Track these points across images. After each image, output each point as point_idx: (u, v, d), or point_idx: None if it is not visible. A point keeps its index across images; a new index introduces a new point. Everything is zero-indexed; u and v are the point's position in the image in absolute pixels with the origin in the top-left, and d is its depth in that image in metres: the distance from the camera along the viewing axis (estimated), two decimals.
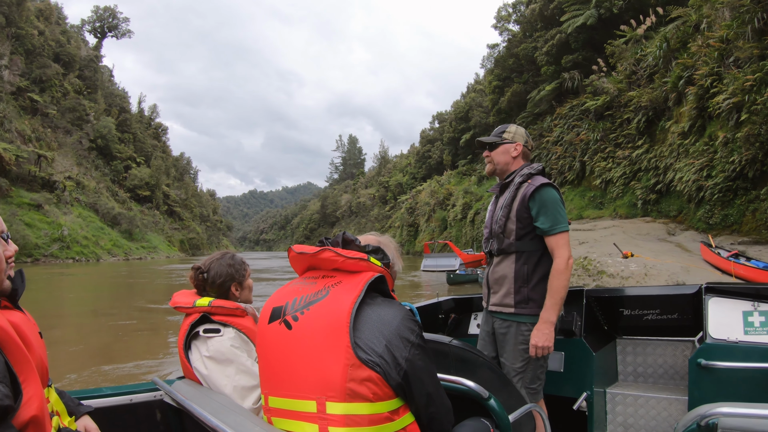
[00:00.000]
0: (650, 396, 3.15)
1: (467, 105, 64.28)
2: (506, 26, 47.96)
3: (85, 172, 69.77)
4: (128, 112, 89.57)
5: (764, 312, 2.77)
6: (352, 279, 1.43)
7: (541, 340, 2.49)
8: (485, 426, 1.73)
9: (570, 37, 34.44)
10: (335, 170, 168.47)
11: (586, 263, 13.84)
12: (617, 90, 27.48)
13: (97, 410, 1.94)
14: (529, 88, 42.30)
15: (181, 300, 2.15)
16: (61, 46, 74.67)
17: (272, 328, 1.45)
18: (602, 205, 27.00)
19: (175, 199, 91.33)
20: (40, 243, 49.59)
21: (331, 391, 1.29)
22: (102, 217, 64.92)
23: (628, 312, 3.47)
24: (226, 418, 1.54)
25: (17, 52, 65.69)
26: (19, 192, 53.04)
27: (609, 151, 27.41)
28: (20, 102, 64.01)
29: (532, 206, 2.56)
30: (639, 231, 17.80)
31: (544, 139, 36.83)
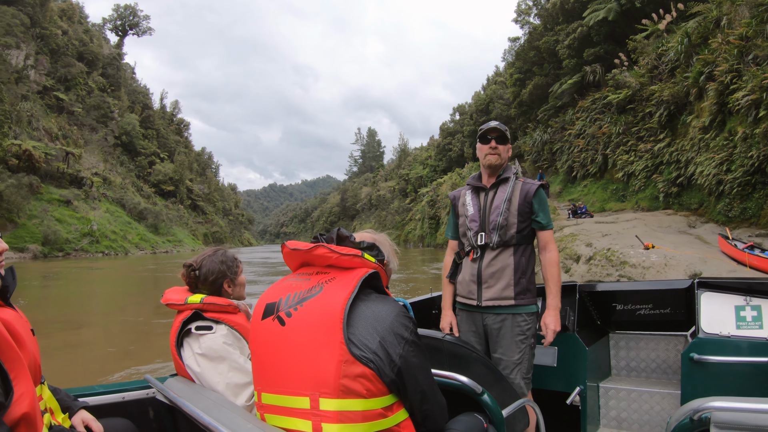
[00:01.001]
0: (643, 390, 3.23)
1: (488, 97, 64.29)
2: (527, 19, 48.11)
3: (110, 169, 71.71)
4: (151, 109, 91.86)
5: (756, 306, 2.83)
6: (346, 275, 1.45)
7: (557, 325, 2.67)
8: (479, 421, 1.77)
9: (591, 30, 34.64)
10: (354, 163, 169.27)
11: (609, 254, 14.56)
12: (639, 84, 27.69)
13: (89, 408, 1.97)
14: (551, 81, 42.35)
15: (173, 297, 2.15)
16: (85, 45, 76.82)
17: (265, 324, 1.46)
18: (624, 198, 27.18)
19: (198, 194, 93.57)
20: (70, 238, 51.57)
21: (325, 387, 1.30)
22: (129, 212, 66.96)
23: (621, 307, 3.55)
24: (219, 416, 1.55)
25: (42, 52, 67.66)
26: (49, 188, 55.04)
27: (631, 145, 27.60)
28: (46, 101, 66.18)
29: (535, 203, 2.75)
30: (660, 223, 18.34)
31: (566, 132, 36.99)
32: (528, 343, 2.71)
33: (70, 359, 8.67)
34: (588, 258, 15.67)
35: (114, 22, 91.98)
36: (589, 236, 17.94)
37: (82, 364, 8.46)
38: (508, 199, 2.75)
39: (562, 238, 19.76)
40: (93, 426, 1.87)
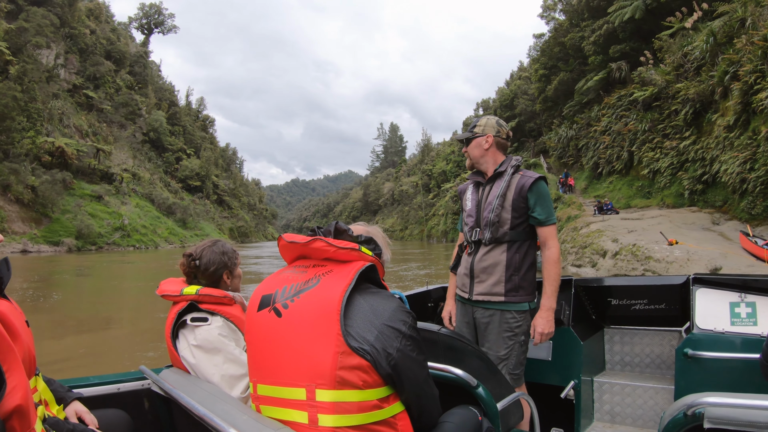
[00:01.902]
0: (637, 385, 3.25)
1: (512, 93, 64.16)
2: (552, 15, 48.42)
3: (139, 164, 73.50)
4: (177, 106, 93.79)
5: (751, 303, 2.85)
6: (343, 268, 1.46)
7: (547, 327, 2.62)
8: (473, 414, 1.77)
9: (617, 27, 34.93)
10: (376, 158, 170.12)
11: (634, 250, 15.37)
12: (665, 81, 28.05)
13: (84, 399, 1.97)
14: (576, 77, 42.64)
15: (168, 288, 2.15)
16: (112, 43, 78.65)
17: (261, 315, 1.47)
18: (650, 195, 27.51)
19: (224, 189, 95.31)
20: (102, 232, 53.37)
21: (321, 378, 1.31)
22: (158, 207, 68.75)
23: (616, 302, 3.59)
24: (214, 407, 1.55)
25: (72, 51, 69.49)
26: (81, 184, 56.94)
27: (657, 142, 27.90)
28: (76, 99, 68.09)
29: (530, 197, 2.66)
30: (685, 220, 19.01)
31: (592, 128, 37.26)
32: (517, 340, 2.70)
33: (101, 352, 8.97)
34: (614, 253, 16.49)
35: (140, 21, 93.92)
36: (615, 232, 18.71)
37: (113, 357, 8.68)
38: (502, 195, 2.71)
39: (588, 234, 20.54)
40: (86, 418, 1.87)
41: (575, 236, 22.48)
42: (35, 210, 49.00)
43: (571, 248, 21.43)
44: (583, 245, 20.07)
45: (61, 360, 8.03)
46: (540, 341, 2.65)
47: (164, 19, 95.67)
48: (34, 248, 45.32)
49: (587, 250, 19.26)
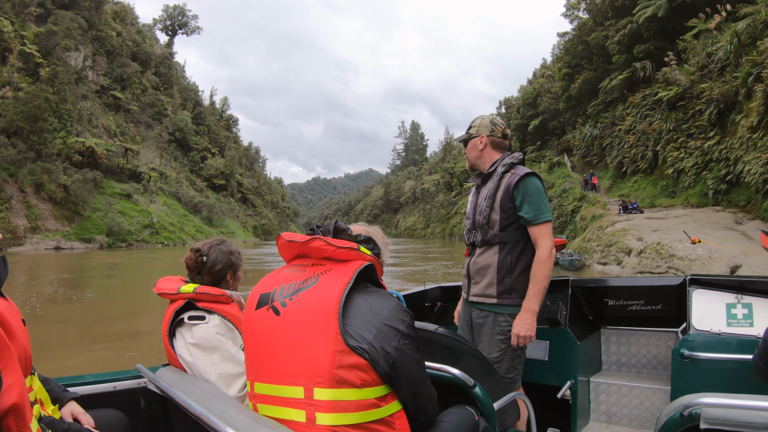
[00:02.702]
0: (633, 385, 3.26)
1: (535, 91, 64.14)
2: (576, 14, 48.72)
3: (165, 164, 75.35)
4: (201, 106, 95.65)
5: (747, 304, 2.86)
6: (341, 267, 1.47)
7: (523, 330, 2.53)
8: (470, 414, 1.78)
9: (641, 26, 35.18)
10: (397, 156, 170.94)
11: (659, 248, 16.05)
12: (689, 81, 28.35)
13: (80, 397, 1.95)
14: (600, 75, 42.93)
15: (166, 286, 2.15)
16: (138, 45, 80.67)
17: (260, 314, 1.49)
18: (674, 194, 27.76)
19: (248, 187, 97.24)
20: (132, 229, 55.10)
21: (319, 377, 1.32)
22: (184, 205, 70.69)
23: (613, 302, 3.58)
24: (211, 406, 1.56)
25: (99, 53, 71.21)
26: (110, 183, 58.69)
27: (681, 141, 28.13)
28: (104, 99, 70.07)
29: (516, 196, 2.58)
30: (708, 220, 19.57)
31: (616, 127, 37.50)
32: (509, 344, 2.65)
33: (131, 350, 9.17)
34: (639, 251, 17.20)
35: (164, 22, 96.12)
36: (640, 231, 19.37)
37: (141, 354, 8.79)
38: (490, 196, 2.68)
39: (614, 232, 21.22)
40: (82, 419, 1.87)
41: (601, 235, 23.12)
42: (67, 208, 50.83)
43: (597, 246, 22.09)
44: (609, 244, 20.74)
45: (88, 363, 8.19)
46: (517, 344, 2.59)
47: (188, 21, 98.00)
48: (67, 245, 47.16)
49: (612, 249, 19.95)
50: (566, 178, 43.90)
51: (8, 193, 45.61)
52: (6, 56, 54.84)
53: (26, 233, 45.28)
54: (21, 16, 59.84)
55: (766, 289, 2.91)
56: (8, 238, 43.21)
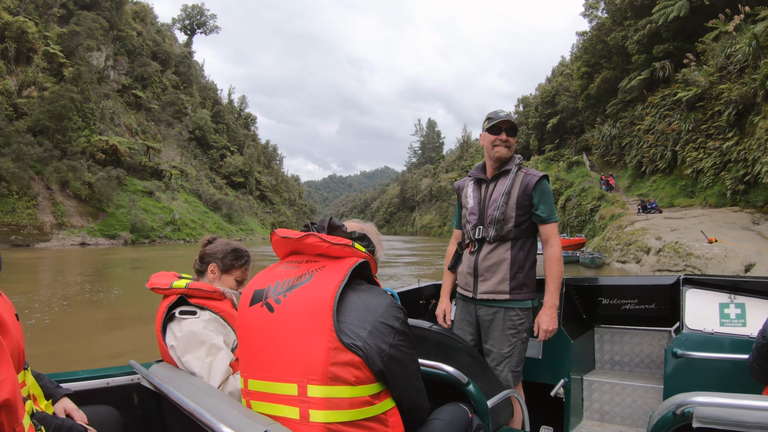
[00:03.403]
0: (626, 384, 3.29)
1: (553, 89, 64.15)
2: (595, 14, 48.92)
3: (186, 161, 76.81)
4: (220, 104, 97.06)
5: (740, 304, 2.91)
6: (336, 264, 1.47)
7: (550, 324, 2.64)
8: (464, 411, 1.81)
9: (661, 26, 35.43)
10: (414, 154, 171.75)
11: (677, 247, 16.67)
12: (708, 82, 28.68)
13: (73, 393, 1.97)
14: (619, 75, 43.20)
15: (158, 281, 2.16)
16: (158, 44, 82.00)
17: (254, 310, 1.49)
18: (693, 194, 28.12)
19: (266, 185, 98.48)
20: (155, 226, 56.41)
21: (313, 374, 1.33)
22: (205, 202, 72.05)
23: (607, 301, 3.62)
24: (204, 402, 1.55)
25: (120, 53, 72.51)
26: (132, 180, 60.05)
27: (700, 142, 28.44)
28: (126, 98, 71.32)
29: (534, 195, 2.69)
30: (726, 220, 20.11)
31: (635, 126, 37.77)
32: (519, 338, 2.73)
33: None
34: (657, 250, 17.85)
35: (182, 22, 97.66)
36: (659, 230, 19.99)
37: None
38: (506, 192, 2.73)
39: (633, 231, 21.83)
40: (75, 415, 1.87)
41: (620, 234, 23.74)
42: (92, 205, 52.19)
43: (616, 245, 22.72)
44: (628, 242, 21.38)
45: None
46: (544, 338, 2.68)
47: (206, 20, 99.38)
48: (92, 241, 48.46)
49: (632, 247, 20.57)
50: (585, 177, 44.22)
51: (35, 190, 46.91)
52: (31, 57, 56.23)
53: (52, 229, 46.65)
54: (44, 17, 61.19)
55: (758, 290, 2.97)
56: (35, 233, 44.63)
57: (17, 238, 42.74)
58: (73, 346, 8.90)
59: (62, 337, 9.49)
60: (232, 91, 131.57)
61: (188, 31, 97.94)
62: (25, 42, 55.10)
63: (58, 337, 9.49)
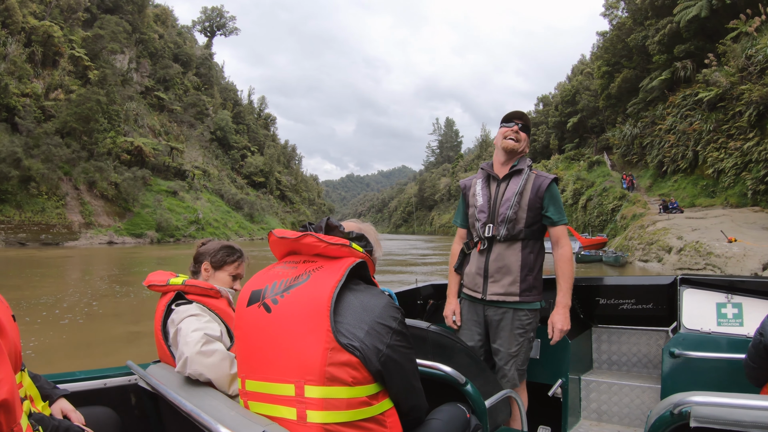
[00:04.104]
0: (624, 384, 3.29)
1: (573, 88, 64.22)
2: (615, 14, 49.17)
3: (208, 162, 78.06)
4: (240, 105, 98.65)
5: (737, 304, 2.91)
6: (333, 264, 1.47)
7: (565, 324, 2.70)
8: (462, 411, 1.83)
9: (682, 27, 35.74)
10: (432, 153, 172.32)
11: (697, 246, 17.29)
12: (729, 83, 29.00)
13: (70, 394, 1.99)
14: (639, 74, 43.53)
15: (155, 279, 2.21)
16: (179, 47, 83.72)
17: (251, 311, 1.50)
18: (714, 194, 28.41)
19: (286, 185, 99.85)
20: (179, 225, 57.81)
21: (310, 374, 1.33)
22: (227, 202, 73.36)
23: (604, 301, 3.63)
24: (202, 403, 1.56)
25: (143, 56, 74.12)
26: (156, 180, 61.45)
27: (721, 142, 28.71)
28: (148, 100, 72.89)
29: (546, 197, 2.73)
30: (746, 220, 20.62)
31: (657, 126, 38.04)
32: (527, 337, 2.78)
33: None
34: (679, 249, 18.51)
35: (202, 24, 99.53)
36: (680, 230, 20.60)
37: None
38: (519, 193, 2.75)
39: (655, 231, 22.44)
40: (72, 416, 1.88)
41: (642, 233, 24.34)
42: (118, 204, 53.68)
43: (638, 245, 23.32)
44: (650, 242, 21.98)
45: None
46: (559, 338, 2.73)
47: (225, 22, 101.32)
48: (119, 240, 49.98)
49: (653, 247, 21.19)
50: (606, 177, 44.49)
51: (63, 190, 48.35)
52: (57, 60, 57.75)
53: (80, 228, 48.10)
54: (69, 21, 62.65)
55: (755, 289, 2.99)
56: (64, 232, 46.11)
57: (47, 237, 44.21)
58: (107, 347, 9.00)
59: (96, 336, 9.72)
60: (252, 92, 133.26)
61: (208, 33, 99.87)
62: (51, 46, 56.53)
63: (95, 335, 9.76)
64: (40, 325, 9.85)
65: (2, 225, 41.37)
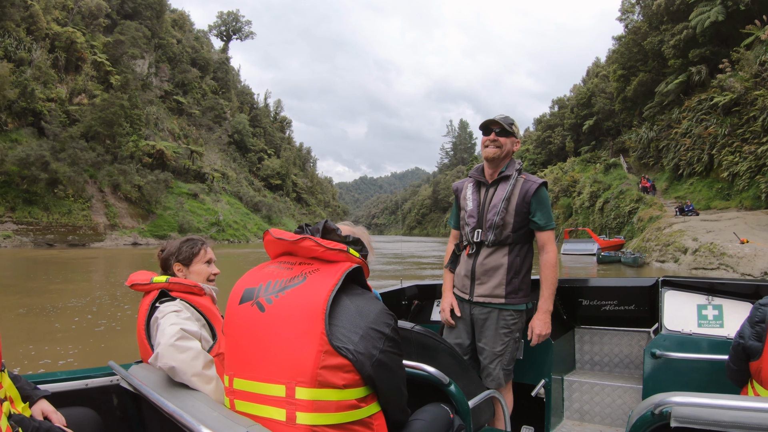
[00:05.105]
0: (606, 384, 3.35)
1: (589, 91, 64.85)
2: (631, 17, 50.01)
3: (226, 165, 79.49)
4: (257, 108, 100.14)
5: (717, 306, 3.00)
6: (330, 268, 1.49)
7: (544, 329, 2.79)
8: (445, 411, 1.84)
9: (697, 32, 36.53)
10: (446, 155, 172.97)
11: (711, 247, 18.35)
12: (744, 88, 29.86)
13: (51, 395, 1.96)
14: (655, 78, 44.32)
15: (138, 278, 2.19)
16: (196, 51, 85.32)
17: (243, 309, 1.50)
18: (729, 197, 29.29)
19: (302, 187, 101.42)
20: (201, 227, 59.26)
21: (302, 376, 1.34)
22: (246, 204, 74.98)
23: (587, 302, 3.66)
24: (184, 404, 1.54)
25: (162, 60, 75.93)
26: (177, 183, 63.13)
27: (736, 146, 29.62)
28: (168, 104, 74.65)
29: (533, 202, 2.78)
30: (759, 222, 21.64)
31: (672, 130, 38.81)
32: (512, 337, 2.83)
33: None
34: (694, 250, 19.62)
35: (218, 28, 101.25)
36: (695, 232, 21.65)
37: None
38: (507, 198, 2.79)
39: (671, 233, 23.49)
40: (53, 417, 1.85)
41: (659, 235, 25.43)
42: (141, 207, 55.47)
43: (656, 246, 24.36)
44: (667, 243, 23.04)
45: None
46: (537, 342, 2.79)
47: (241, 26, 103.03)
48: (143, 241, 51.50)
49: (670, 248, 22.25)
50: (623, 180, 45.22)
51: (89, 192, 50.04)
52: (79, 65, 59.40)
53: (106, 230, 49.69)
54: (90, 27, 64.39)
55: (736, 291, 3.05)
56: (90, 234, 47.70)
57: (74, 238, 45.77)
58: None
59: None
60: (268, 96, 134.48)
61: (224, 38, 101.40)
62: (74, 51, 58.14)
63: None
64: (75, 331, 9.58)
65: (31, 227, 42.95)
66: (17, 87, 47.96)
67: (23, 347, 8.09)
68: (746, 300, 2.96)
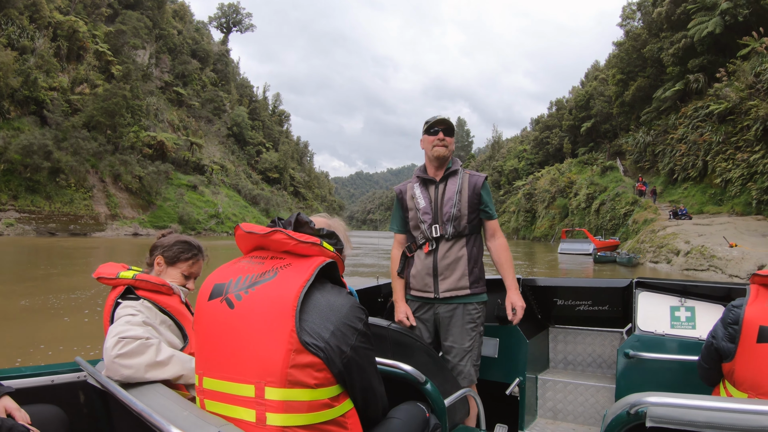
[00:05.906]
0: (579, 383, 3.44)
1: (587, 93, 65.83)
2: (631, 24, 51.19)
3: (225, 157, 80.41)
4: (256, 102, 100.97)
5: (690, 308, 3.07)
6: (302, 262, 1.44)
7: (520, 301, 2.87)
8: (421, 410, 1.81)
9: (696, 41, 37.81)
10: None
11: (702, 250, 19.50)
12: (739, 98, 31.01)
13: (16, 391, 1.89)
14: (653, 84, 45.59)
15: (105, 271, 2.11)
16: (197, 43, 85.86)
17: (212, 305, 1.44)
18: (721, 202, 30.43)
19: (300, 181, 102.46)
20: (200, 218, 60.20)
21: (271, 375, 1.30)
22: (244, 197, 75.87)
23: (562, 302, 3.75)
24: (153, 402, 1.51)
25: (162, 51, 76.51)
26: (177, 175, 63.96)
27: (729, 153, 30.76)
28: (168, 95, 75.15)
29: (483, 194, 2.92)
30: (748, 227, 22.85)
31: (669, 135, 40.08)
32: (478, 331, 2.89)
33: None
34: (686, 252, 20.82)
35: (219, 20, 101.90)
36: (687, 235, 22.84)
37: None
38: (459, 191, 2.89)
39: (665, 236, 24.69)
40: (16, 415, 1.77)
41: (653, 237, 26.66)
42: (141, 197, 56.45)
43: (650, 247, 25.53)
44: (660, 245, 24.21)
45: None
46: (521, 316, 2.85)
47: (242, 18, 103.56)
48: (144, 232, 52.48)
49: (663, 250, 23.40)
50: (619, 182, 46.37)
51: (90, 182, 51.05)
52: (81, 55, 60.02)
53: (107, 220, 50.66)
54: (92, 17, 65.02)
55: (708, 294, 3.12)
56: (91, 223, 48.59)
57: (75, 228, 46.76)
58: None
59: None
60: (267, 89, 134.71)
61: (224, 30, 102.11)
62: (76, 41, 58.93)
63: None
64: (88, 325, 9.37)
65: (33, 215, 43.83)
66: (20, 75, 48.56)
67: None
68: (718, 302, 3.05)
